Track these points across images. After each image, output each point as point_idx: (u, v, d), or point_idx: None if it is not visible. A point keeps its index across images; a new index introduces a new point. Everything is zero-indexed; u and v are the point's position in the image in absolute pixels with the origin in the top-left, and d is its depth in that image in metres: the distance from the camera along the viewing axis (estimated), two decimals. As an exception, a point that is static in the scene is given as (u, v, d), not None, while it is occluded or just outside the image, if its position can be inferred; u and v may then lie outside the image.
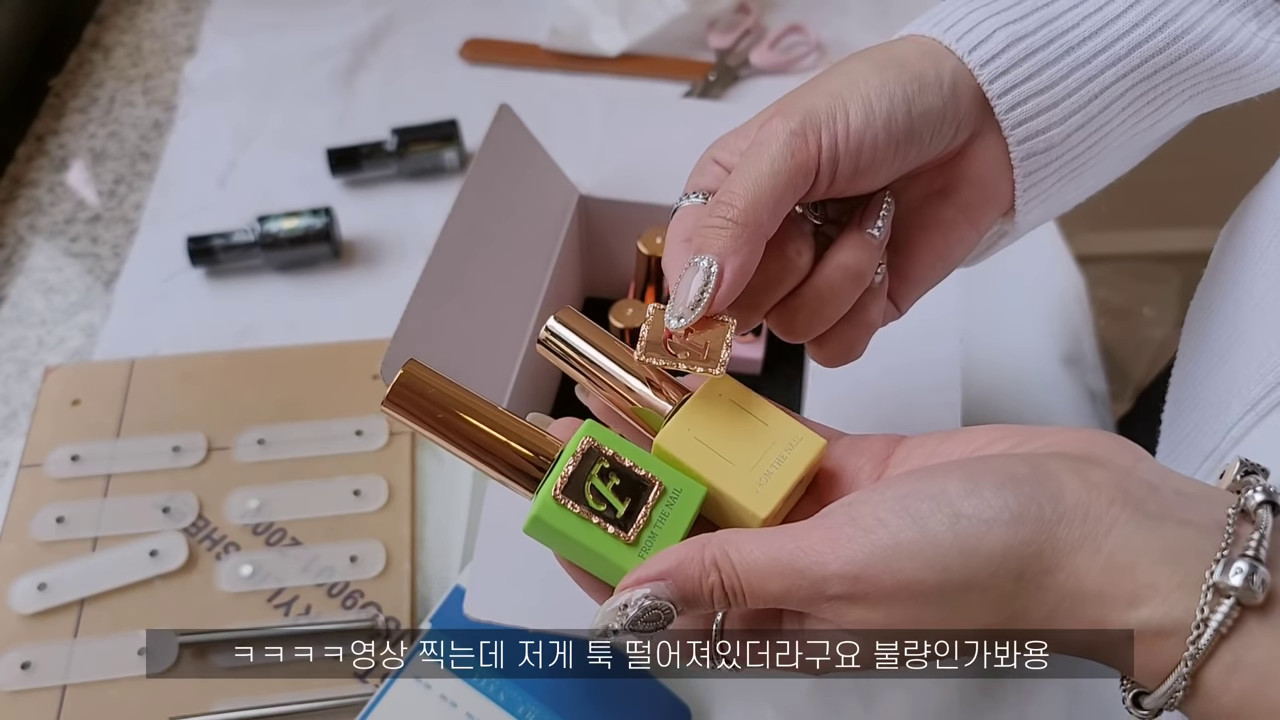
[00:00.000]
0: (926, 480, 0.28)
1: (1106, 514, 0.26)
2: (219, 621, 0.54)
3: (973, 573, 0.26)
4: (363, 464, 0.60)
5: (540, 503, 0.30)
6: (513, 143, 0.53)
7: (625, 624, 0.28)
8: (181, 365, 0.64)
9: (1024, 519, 0.26)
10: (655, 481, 0.31)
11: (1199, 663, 0.25)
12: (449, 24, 0.87)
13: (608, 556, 0.30)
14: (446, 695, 0.50)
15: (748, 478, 0.31)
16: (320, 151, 0.75)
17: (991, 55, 0.36)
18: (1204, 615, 0.25)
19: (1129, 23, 0.37)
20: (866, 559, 0.26)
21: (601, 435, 0.31)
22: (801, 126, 0.33)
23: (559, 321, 0.34)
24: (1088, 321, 0.69)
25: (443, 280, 0.47)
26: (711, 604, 0.28)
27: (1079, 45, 0.36)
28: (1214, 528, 0.26)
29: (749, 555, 0.28)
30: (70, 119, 0.80)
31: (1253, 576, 0.24)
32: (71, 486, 0.59)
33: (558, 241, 0.56)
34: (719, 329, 0.33)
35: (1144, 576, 0.25)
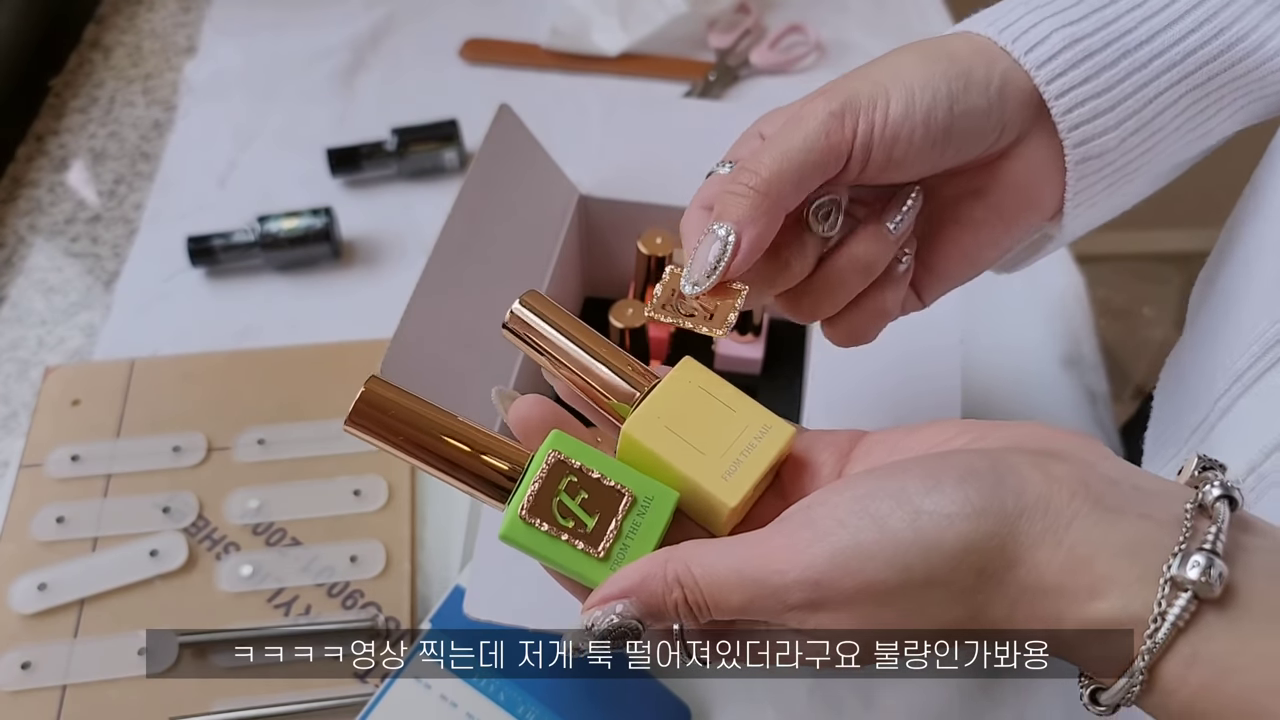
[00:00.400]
0: (886, 479, 0.28)
1: (1068, 507, 0.26)
2: (219, 621, 0.54)
3: (934, 569, 0.26)
4: (363, 464, 0.60)
5: (508, 523, 0.30)
6: (513, 143, 0.53)
7: (593, 642, 0.28)
8: (181, 365, 0.64)
9: (986, 513, 0.26)
10: (625, 492, 0.30)
11: (1156, 656, 0.25)
12: (449, 24, 0.87)
13: (580, 572, 0.30)
14: (446, 695, 0.50)
15: (716, 466, 0.31)
16: (320, 151, 0.75)
17: (1049, 56, 0.35)
18: (1161, 609, 0.24)
19: (1187, 27, 0.36)
20: (826, 564, 0.26)
21: (568, 447, 0.31)
22: (841, 109, 0.33)
23: (524, 305, 0.33)
24: (1088, 321, 0.69)
25: (443, 280, 0.47)
26: (676, 617, 0.28)
27: (1136, 49, 0.36)
28: (1173, 522, 0.26)
29: (710, 569, 0.28)
30: (70, 119, 0.80)
31: (1209, 570, 0.24)
32: (71, 486, 0.59)
33: (558, 241, 0.56)
34: (730, 294, 0.33)
35: (1103, 570, 0.25)
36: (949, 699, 0.52)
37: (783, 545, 0.27)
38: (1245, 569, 0.25)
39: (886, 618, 0.27)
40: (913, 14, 0.88)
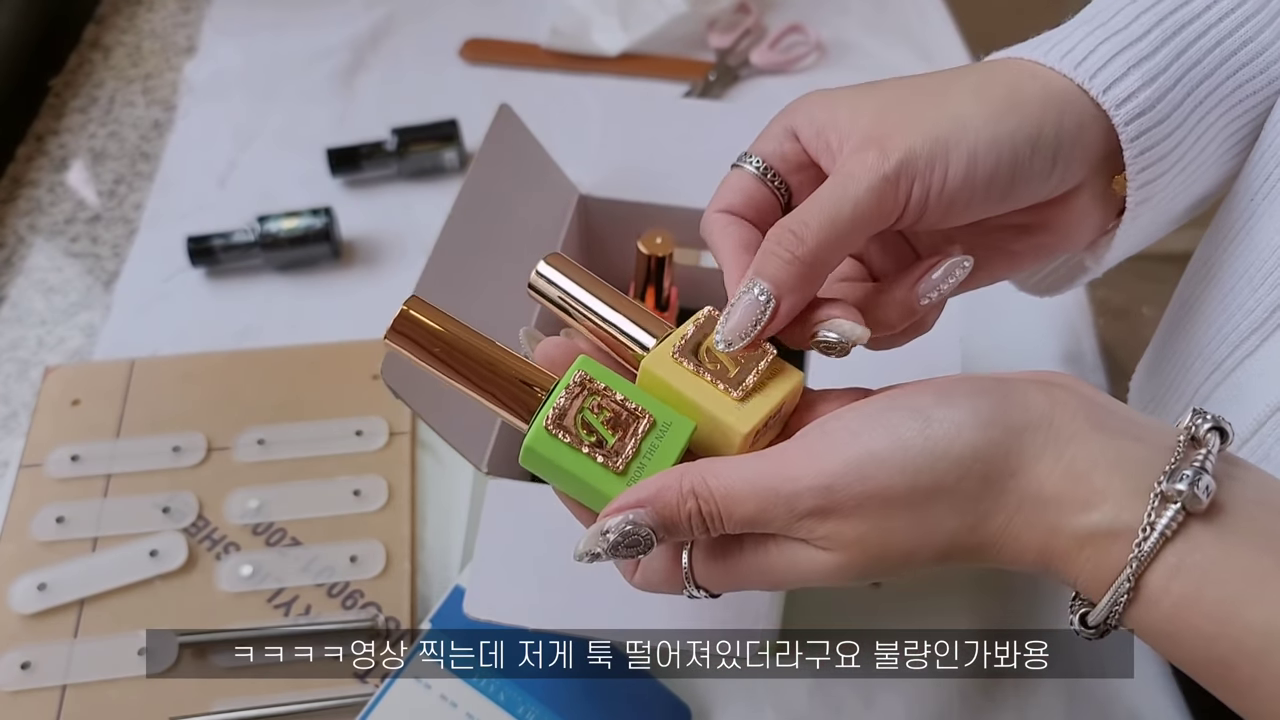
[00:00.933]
0: (899, 396, 0.29)
1: (1069, 425, 0.27)
2: (219, 621, 0.54)
3: (940, 476, 0.27)
4: (363, 464, 0.60)
5: (533, 433, 0.31)
6: (513, 143, 0.53)
7: (606, 548, 0.29)
8: (181, 365, 0.64)
9: (994, 423, 0.27)
10: (645, 414, 0.31)
11: (1144, 564, 0.26)
12: (449, 24, 0.87)
13: (596, 485, 0.31)
14: (446, 695, 0.50)
15: (730, 398, 0.32)
16: (320, 151, 0.75)
17: (1129, 102, 0.33)
18: (1150, 519, 0.26)
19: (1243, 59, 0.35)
20: (838, 469, 0.27)
21: (594, 370, 0.32)
22: (896, 172, 0.31)
23: (549, 265, 0.35)
24: (1087, 321, 0.69)
25: (443, 280, 0.47)
26: (690, 530, 0.29)
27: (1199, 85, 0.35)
28: (1166, 448, 0.27)
29: (725, 480, 0.29)
30: (70, 119, 0.80)
31: (1197, 483, 0.25)
32: (71, 486, 0.59)
33: (558, 241, 0.56)
34: (755, 354, 0.33)
35: (1098, 483, 0.27)
36: (949, 699, 0.52)
37: (796, 454, 0.28)
38: (1232, 493, 0.26)
39: (895, 525, 0.28)
40: (912, 14, 0.88)
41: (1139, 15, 0.35)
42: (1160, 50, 0.34)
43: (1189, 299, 0.45)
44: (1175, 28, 0.35)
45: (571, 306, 0.34)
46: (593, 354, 0.35)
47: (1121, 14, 0.35)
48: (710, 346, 0.33)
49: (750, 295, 0.32)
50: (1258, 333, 0.38)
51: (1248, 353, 0.39)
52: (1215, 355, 0.41)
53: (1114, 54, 0.34)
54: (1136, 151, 0.34)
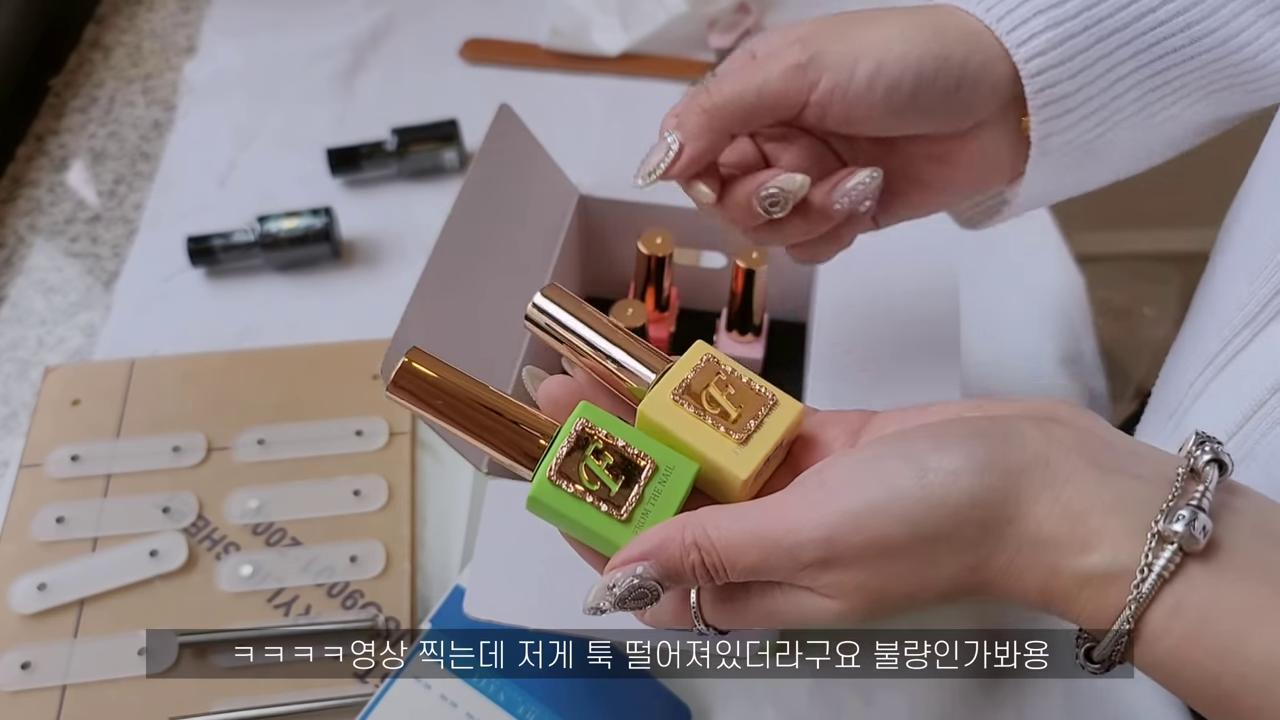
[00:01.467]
0: (894, 442, 0.29)
1: (1065, 465, 0.27)
2: (219, 621, 0.54)
3: (940, 523, 0.27)
4: (363, 464, 0.60)
5: (537, 484, 0.31)
6: (513, 143, 0.53)
7: (614, 601, 0.29)
8: (181, 365, 0.64)
9: (990, 469, 0.27)
10: (648, 460, 0.32)
11: (1143, 606, 0.26)
12: (449, 24, 0.87)
13: (602, 534, 0.31)
14: (446, 695, 0.50)
15: (728, 441, 0.32)
16: (320, 151, 0.75)
17: (1037, 49, 0.37)
18: (1148, 560, 0.26)
19: (1159, 18, 0.38)
20: (837, 521, 0.27)
21: (596, 417, 0.32)
22: (806, 63, 0.36)
23: (545, 297, 0.35)
24: (1087, 321, 0.69)
25: (443, 280, 0.47)
26: (695, 580, 0.29)
27: (1110, 36, 0.37)
28: (1164, 483, 0.27)
29: (726, 531, 0.29)
30: (70, 119, 0.80)
31: (1194, 523, 0.25)
32: (71, 486, 0.59)
33: (558, 241, 0.56)
34: (760, 403, 0.33)
35: (1095, 524, 0.26)
36: (949, 699, 0.52)
37: (796, 505, 0.28)
38: (1230, 526, 0.26)
39: (896, 572, 0.28)
40: (913, 14, 0.88)
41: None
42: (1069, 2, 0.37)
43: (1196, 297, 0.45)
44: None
45: (568, 341, 0.34)
46: (591, 389, 0.35)
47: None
48: (711, 390, 0.33)
49: (663, 141, 0.38)
50: (1250, 326, 0.39)
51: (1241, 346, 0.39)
52: (1209, 349, 0.41)
53: (1029, 8, 0.37)
54: (1037, 88, 0.37)
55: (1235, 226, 0.44)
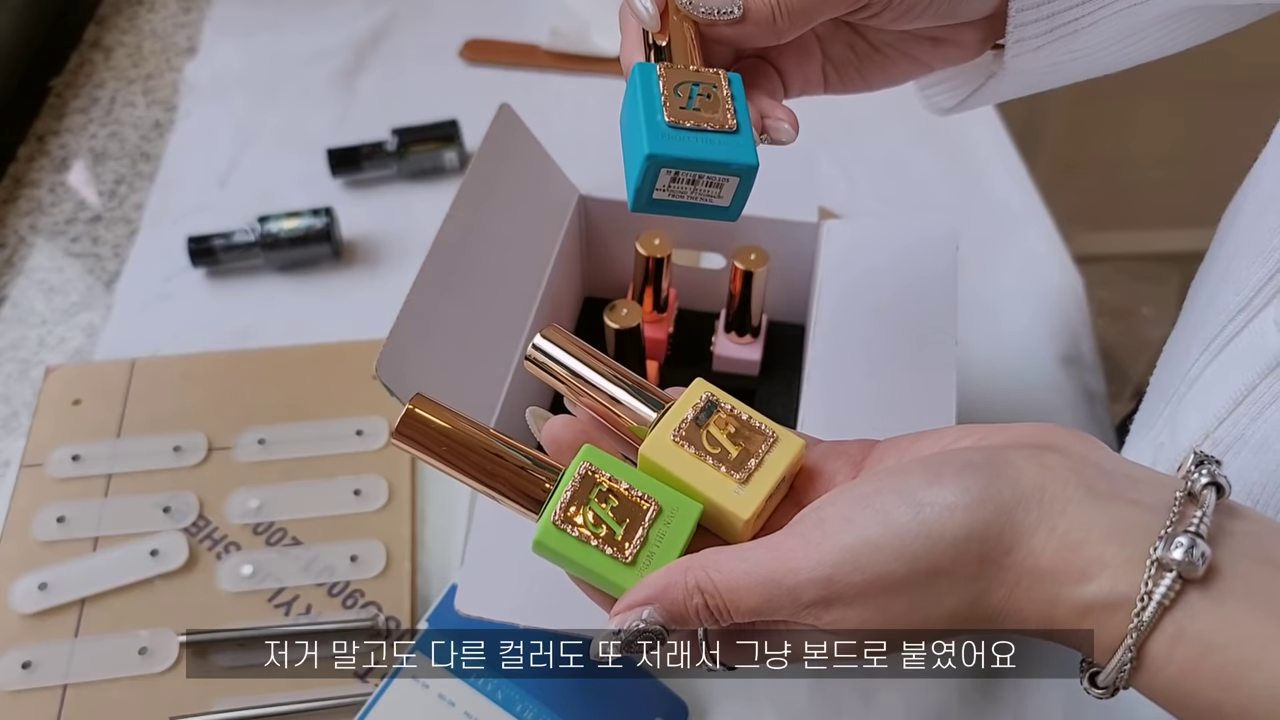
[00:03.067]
0: (889, 477, 0.29)
1: (1061, 494, 0.27)
2: (219, 621, 0.54)
3: (938, 558, 0.27)
4: (363, 464, 0.60)
5: (542, 528, 0.32)
6: (513, 142, 0.54)
7: (620, 646, 0.30)
8: (182, 365, 0.64)
9: (985, 502, 0.27)
10: (652, 503, 0.32)
11: (1144, 634, 0.26)
12: (449, 24, 0.87)
13: (608, 577, 0.31)
14: (445, 694, 0.50)
15: (730, 481, 0.32)
16: (320, 152, 0.75)
17: None
18: (1148, 589, 0.26)
19: None
20: (836, 560, 0.28)
21: (599, 460, 0.33)
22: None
23: (545, 339, 0.35)
24: (1086, 321, 0.69)
25: (440, 279, 0.47)
26: (699, 622, 0.30)
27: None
28: (1161, 508, 0.27)
29: (728, 574, 0.29)
30: (71, 119, 0.81)
31: (1193, 550, 0.25)
32: (72, 486, 0.59)
33: (557, 241, 0.56)
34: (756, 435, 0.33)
35: (1094, 552, 0.26)
36: (949, 699, 0.52)
37: (795, 546, 0.28)
38: (1229, 551, 0.26)
39: (897, 608, 0.28)
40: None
41: None
42: None
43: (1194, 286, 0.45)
44: None
45: (568, 381, 0.35)
46: (594, 428, 0.35)
47: None
48: (711, 429, 0.33)
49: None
50: (1245, 311, 0.39)
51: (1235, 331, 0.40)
52: (1206, 334, 0.41)
53: None
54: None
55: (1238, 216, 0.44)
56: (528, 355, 0.35)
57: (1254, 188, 0.44)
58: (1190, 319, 0.45)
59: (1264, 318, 0.38)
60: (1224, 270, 0.42)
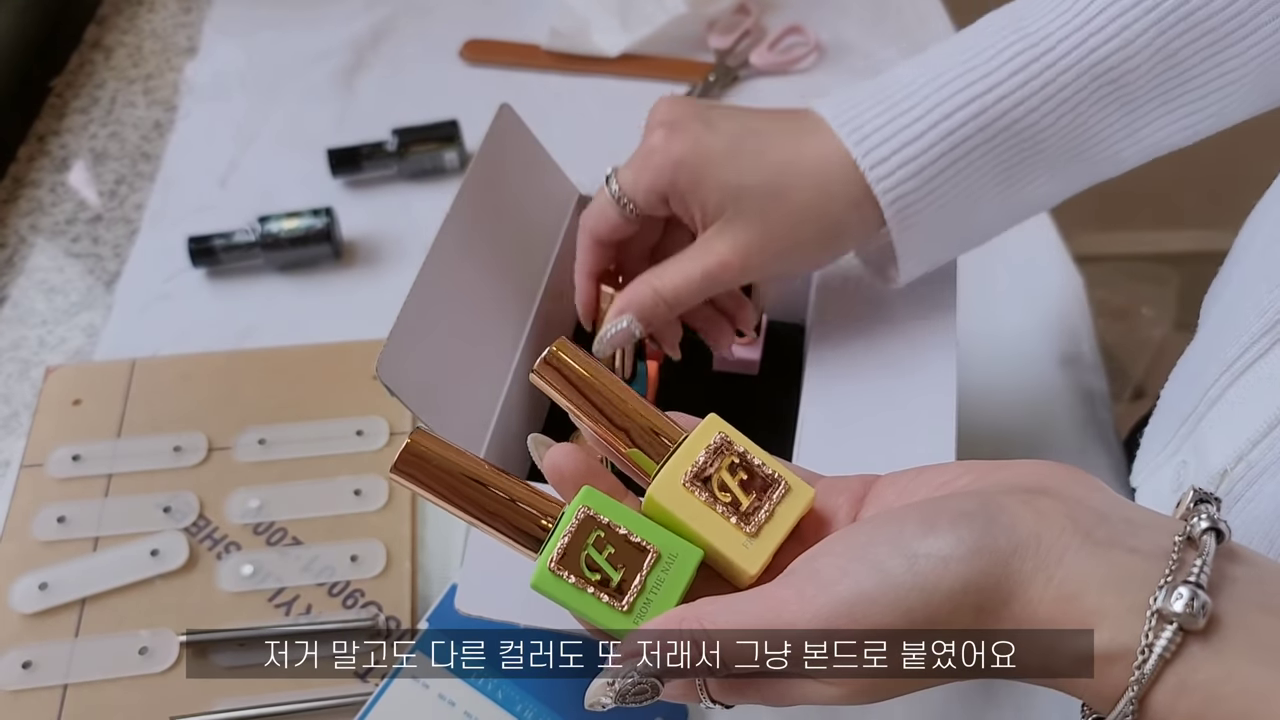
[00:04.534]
0: (884, 526, 0.29)
1: (1058, 543, 0.27)
2: (220, 621, 0.54)
3: (934, 611, 0.27)
4: (363, 464, 0.60)
5: (538, 574, 0.31)
6: (513, 142, 0.54)
7: (615, 697, 0.29)
8: (182, 365, 0.64)
9: (980, 552, 0.27)
10: (651, 549, 0.31)
11: (1145, 687, 0.25)
12: (449, 24, 0.87)
13: (604, 624, 0.31)
14: (445, 694, 0.50)
15: (739, 534, 0.32)
16: (321, 152, 0.75)
17: (893, 180, 0.43)
18: (1148, 640, 0.25)
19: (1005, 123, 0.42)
20: (831, 613, 0.27)
21: (598, 503, 0.32)
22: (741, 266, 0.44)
23: (553, 354, 0.34)
24: (1086, 322, 0.69)
25: (440, 279, 0.47)
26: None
27: (962, 158, 0.42)
28: (1160, 555, 0.26)
29: (724, 625, 0.29)
30: (71, 119, 0.81)
31: (1193, 602, 0.25)
32: (72, 486, 0.59)
33: (557, 241, 0.56)
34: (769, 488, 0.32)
35: (1092, 603, 0.26)
36: (949, 699, 0.52)
37: (790, 597, 0.28)
38: (1230, 599, 0.26)
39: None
40: (911, 16, 0.88)
41: (926, 96, 0.43)
42: (928, 133, 0.42)
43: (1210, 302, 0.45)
44: (953, 109, 0.42)
45: (573, 400, 0.34)
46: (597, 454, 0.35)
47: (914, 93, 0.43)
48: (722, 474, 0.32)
49: (628, 330, 0.46)
50: (1269, 334, 0.38)
51: (1260, 353, 0.39)
52: (1227, 355, 0.41)
53: (890, 132, 0.42)
54: (895, 213, 0.43)
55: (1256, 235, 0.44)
56: (534, 370, 0.34)
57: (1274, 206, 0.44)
58: (1206, 338, 0.45)
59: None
60: (1241, 291, 0.42)
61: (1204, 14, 0.40)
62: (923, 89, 0.43)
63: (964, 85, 0.42)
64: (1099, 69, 0.41)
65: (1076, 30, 0.41)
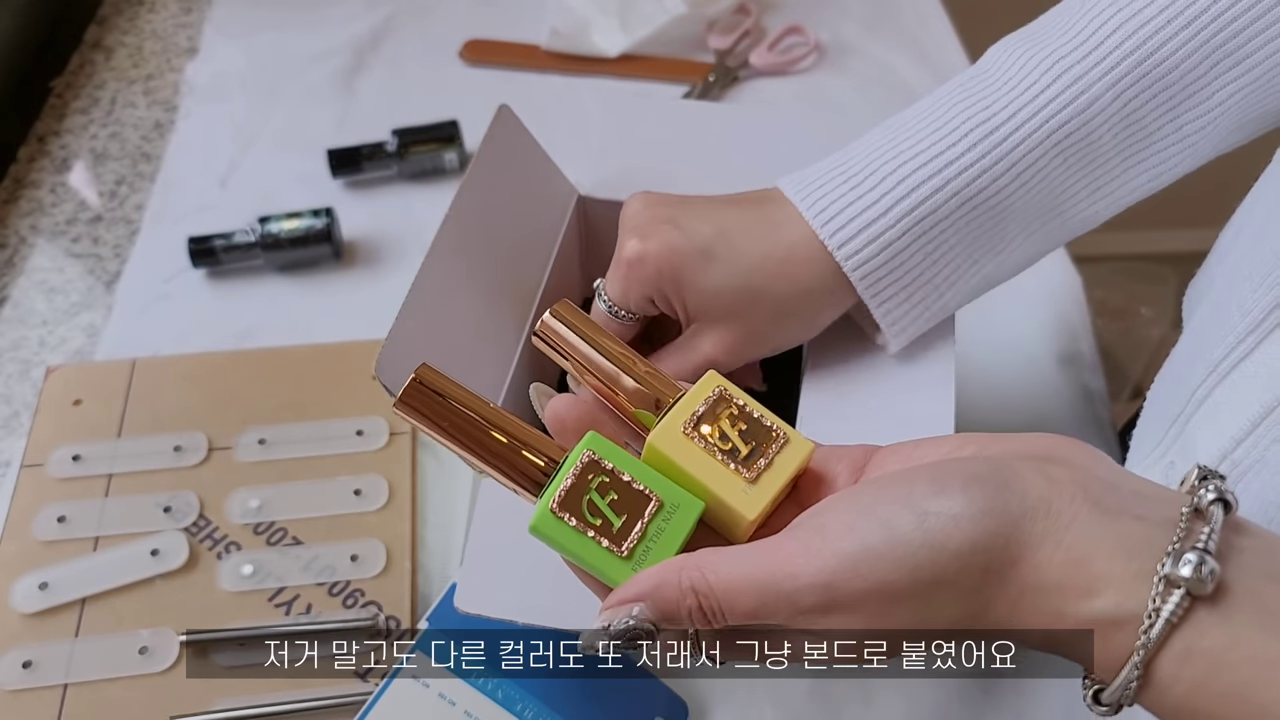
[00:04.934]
0: (892, 485, 0.29)
1: (1068, 509, 0.27)
2: (220, 621, 0.54)
3: (942, 569, 0.27)
4: (363, 464, 0.60)
5: (538, 514, 0.31)
6: (512, 143, 0.54)
7: (608, 642, 0.29)
8: (182, 365, 0.64)
9: (991, 513, 0.27)
10: (653, 497, 0.31)
11: (1151, 652, 0.25)
12: (449, 25, 0.87)
13: (602, 569, 0.31)
14: (445, 694, 0.50)
15: (737, 479, 0.32)
16: (321, 152, 0.75)
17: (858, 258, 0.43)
18: (1155, 605, 0.25)
19: (970, 194, 0.42)
20: (837, 567, 0.27)
21: (602, 448, 0.32)
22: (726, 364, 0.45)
23: (555, 315, 0.34)
24: (1085, 321, 0.69)
25: (439, 279, 0.47)
26: (691, 623, 0.29)
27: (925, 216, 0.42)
28: (1168, 524, 0.26)
29: (725, 576, 0.28)
30: (72, 120, 0.81)
31: (1201, 567, 0.25)
32: (73, 486, 0.59)
33: (556, 241, 0.56)
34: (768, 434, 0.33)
35: (1100, 569, 0.26)
36: (949, 699, 0.52)
37: (795, 550, 0.28)
38: (1238, 567, 0.26)
39: (896, 617, 0.28)
40: (911, 16, 0.88)
41: (886, 175, 0.43)
42: (892, 209, 0.42)
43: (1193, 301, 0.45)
44: (913, 186, 0.42)
45: (575, 359, 0.34)
46: (598, 408, 0.35)
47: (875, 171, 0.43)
48: (722, 424, 0.33)
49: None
50: (1255, 333, 0.39)
51: (1245, 353, 0.39)
52: (1212, 355, 0.41)
53: (852, 214, 0.43)
54: (866, 287, 0.44)
55: (1239, 235, 0.44)
56: (535, 331, 0.35)
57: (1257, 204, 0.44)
58: (1191, 339, 0.45)
59: (1275, 340, 0.38)
60: (1225, 290, 0.42)
61: (1159, 72, 0.41)
62: (885, 165, 0.43)
63: (925, 161, 0.42)
64: (1059, 135, 0.41)
65: (1033, 99, 0.41)
